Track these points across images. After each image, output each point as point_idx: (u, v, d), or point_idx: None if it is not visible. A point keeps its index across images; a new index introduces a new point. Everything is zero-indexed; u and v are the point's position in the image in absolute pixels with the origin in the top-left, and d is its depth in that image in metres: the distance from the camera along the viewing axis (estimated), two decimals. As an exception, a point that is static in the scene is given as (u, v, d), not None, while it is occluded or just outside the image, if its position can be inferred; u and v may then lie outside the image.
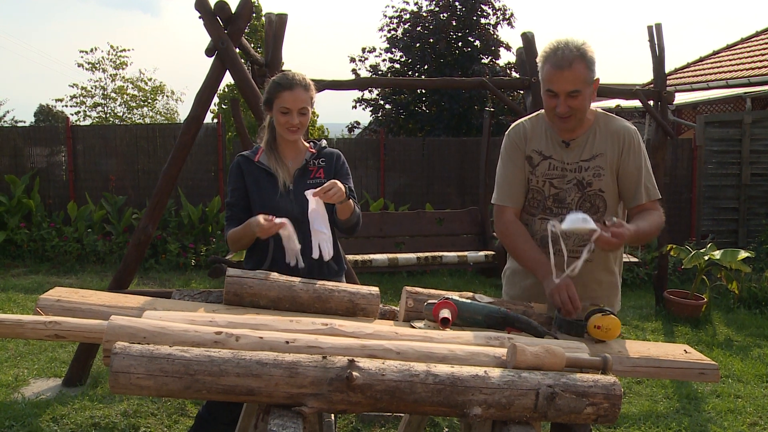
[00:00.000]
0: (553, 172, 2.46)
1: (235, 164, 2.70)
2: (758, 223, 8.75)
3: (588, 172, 2.42)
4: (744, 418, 4.04)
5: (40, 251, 8.46)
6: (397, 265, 6.98)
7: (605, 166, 2.41)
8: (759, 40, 13.12)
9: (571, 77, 2.27)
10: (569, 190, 2.44)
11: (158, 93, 18.61)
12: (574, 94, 2.29)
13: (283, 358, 1.61)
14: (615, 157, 2.42)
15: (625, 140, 2.42)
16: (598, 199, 2.43)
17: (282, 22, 4.86)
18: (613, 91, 7.40)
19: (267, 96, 2.65)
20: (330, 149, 2.79)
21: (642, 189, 2.41)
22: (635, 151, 2.42)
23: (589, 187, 2.43)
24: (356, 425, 3.76)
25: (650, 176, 2.43)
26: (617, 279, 2.59)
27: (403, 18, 14.84)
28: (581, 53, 2.27)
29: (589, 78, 2.30)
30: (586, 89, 2.31)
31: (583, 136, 2.45)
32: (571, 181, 2.44)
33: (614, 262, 2.55)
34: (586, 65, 2.28)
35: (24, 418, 3.73)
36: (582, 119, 2.40)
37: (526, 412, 1.66)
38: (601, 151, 2.42)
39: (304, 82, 2.61)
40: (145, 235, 4.17)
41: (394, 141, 10.54)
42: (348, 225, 2.67)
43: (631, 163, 2.41)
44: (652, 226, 2.37)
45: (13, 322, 1.86)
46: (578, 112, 2.34)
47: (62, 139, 9.14)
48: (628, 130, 2.45)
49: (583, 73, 2.28)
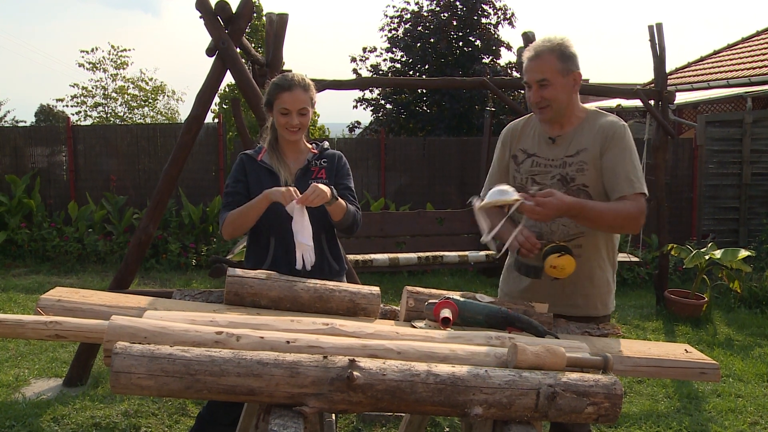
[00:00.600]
0: (535, 169, 2.50)
1: (239, 161, 2.72)
2: (759, 222, 8.75)
3: (571, 168, 2.43)
4: (745, 417, 4.04)
5: (41, 251, 8.46)
6: (398, 265, 6.98)
7: (588, 160, 2.41)
8: (759, 39, 13.11)
9: (538, 67, 2.37)
10: (553, 185, 2.42)
11: (159, 93, 18.62)
12: (544, 83, 2.38)
13: (284, 357, 1.61)
14: (598, 151, 2.40)
15: (608, 133, 2.40)
16: (582, 194, 2.40)
17: (283, 22, 4.85)
18: (614, 91, 7.40)
19: (267, 97, 2.66)
20: (332, 151, 2.80)
21: (623, 181, 2.36)
22: (618, 144, 2.39)
23: (572, 182, 2.42)
24: (357, 425, 3.76)
25: (635, 170, 2.37)
26: (611, 277, 2.55)
27: (403, 18, 14.83)
28: (553, 45, 2.38)
29: (561, 69, 2.37)
30: (557, 79, 2.37)
31: (570, 132, 2.47)
32: (555, 177, 2.45)
33: (606, 260, 2.51)
34: (557, 57, 2.36)
35: (25, 418, 3.73)
36: (560, 111, 2.43)
37: (527, 411, 1.66)
38: (585, 146, 2.42)
39: (303, 83, 2.62)
40: (146, 234, 4.17)
41: (394, 141, 10.54)
42: (343, 225, 2.67)
43: (613, 155, 2.38)
44: (614, 209, 2.32)
45: (14, 322, 1.86)
46: (553, 102, 2.39)
47: (63, 139, 9.15)
48: (614, 124, 2.43)
49: (552, 64, 2.36)
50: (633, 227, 2.40)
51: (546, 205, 2.16)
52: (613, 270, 2.57)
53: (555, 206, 2.17)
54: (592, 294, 2.48)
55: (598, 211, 2.30)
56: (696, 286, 6.50)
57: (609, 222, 2.33)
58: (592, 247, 2.45)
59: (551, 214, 2.20)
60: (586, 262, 2.44)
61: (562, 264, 2.27)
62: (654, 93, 6.53)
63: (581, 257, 2.41)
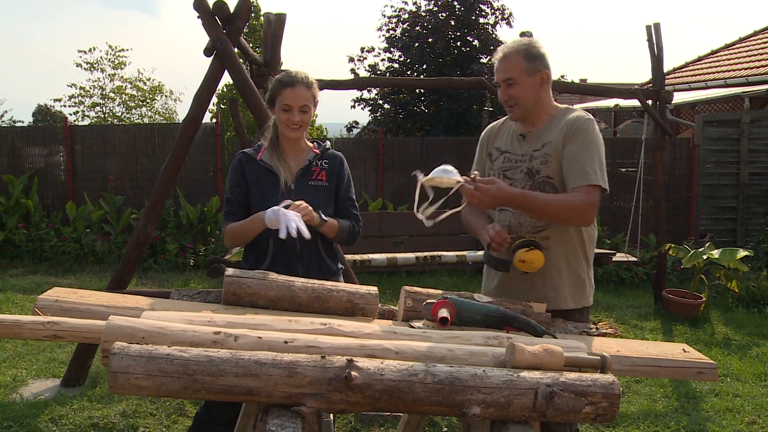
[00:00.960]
0: (506, 165, 2.58)
1: (237, 161, 2.71)
2: (756, 222, 8.76)
3: (537, 161, 2.48)
4: (742, 416, 4.04)
5: (39, 251, 8.45)
6: (396, 265, 6.97)
7: (552, 152, 2.46)
8: (757, 39, 13.14)
9: (505, 67, 2.48)
10: (520, 179, 2.51)
11: (157, 93, 18.61)
12: (510, 82, 2.47)
13: (282, 357, 1.61)
14: (560, 143, 2.45)
15: (572, 126, 2.44)
16: (548, 186, 2.46)
17: (281, 22, 4.85)
18: (611, 91, 7.41)
19: (270, 94, 2.66)
20: (333, 151, 2.80)
21: (579, 172, 2.38)
22: (580, 136, 2.42)
23: (537, 174, 2.48)
24: (355, 425, 3.76)
25: (593, 163, 2.39)
26: (583, 271, 2.55)
27: (401, 18, 14.82)
28: (518, 46, 2.48)
29: (527, 68, 2.45)
30: (522, 78, 2.46)
31: (540, 129, 2.54)
32: (522, 170, 2.52)
33: (579, 253, 2.52)
34: (522, 57, 2.45)
35: (22, 419, 3.72)
36: (528, 109, 2.51)
37: (525, 411, 1.66)
38: (549, 140, 2.48)
39: (306, 80, 2.62)
40: (144, 235, 4.17)
41: (392, 141, 10.54)
42: (339, 241, 2.74)
43: (572, 147, 2.42)
44: (558, 201, 2.36)
45: (12, 322, 1.86)
46: (520, 100, 2.48)
47: (60, 139, 9.14)
48: (579, 118, 2.47)
49: (518, 64, 2.45)
50: (580, 220, 2.42)
51: (485, 191, 2.26)
52: (587, 264, 2.57)
53: (493, 194, 2.27)
54: (560, 286, 2.50)
55: (542, 202, 2.36)
56: (694, 286, 6.51)
57: (553, 213, 2.38)
58: (561, 240, 2.48)
59: (489, 201, 2.30)
60: (554, 254, 2.48)
61: (530, 258, 2.34)
62: (652, 93, 6.54)
63: (549, 249, 2.46)
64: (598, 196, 2.39)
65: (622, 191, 9.10)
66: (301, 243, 2.64)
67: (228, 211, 2.68)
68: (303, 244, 2.64)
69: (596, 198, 2.38)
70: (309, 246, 2.64)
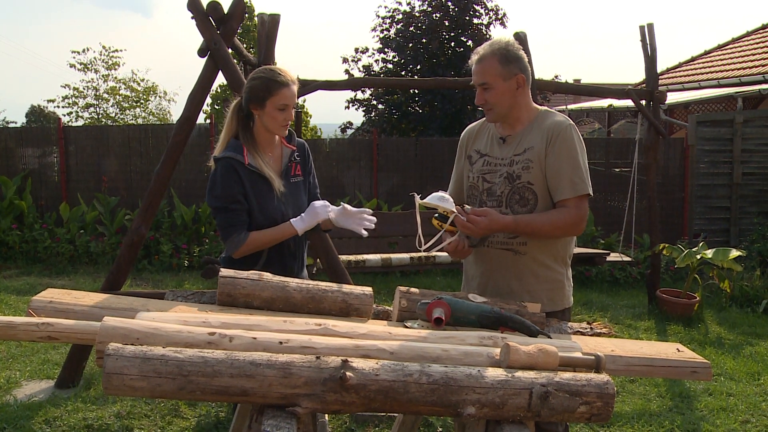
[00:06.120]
0: (486, 168, 2.57)
1: (229, 168, 2.53)
2: (750, 222, 8.80)
3: (518, 166, 2.48)
4: (736, 416, 4.06)
5: (32, 252, 8.42)
6: (390, 266, 6.97)
7: (534, 158, 2.45)
8: (750, 40, 13.20)
9: (480, 70, 2.45)
10: (500, 183, 2.50)
11: (151, 93, 18.55)
12: (485, 86, 2.45)
13: (277, 358, 1.61)
14: (543, 150, 2.44)
15: (553, 133, 2.44)
16: (527, 191, 2.46)
17: (275, 23, 4.85)
18: (605, 91, 7.43)
19: (262, 93, 2.53)
20: (298, 139, 2.78)
21: (566, 183, 2.40)
22: (562, 145, 2.42)
23: (518, 179, 2.47)
24: (350, 425, 3.76)
25: (579, 171, 2.41)
26: (561, 275, 2.56)
27: (395, 18, 14.82)
28: (494, 49, 2.44)
29: (502, 73, 2.43)
30: (497, 83, 2.43)
31: (520, 132, 2.52)
32: (502, 174, 2.51)
33: (555, 257, 2.52)
34: (498, 60, 2.42)
35: (16, 421, 3.71)
36: (503, 114, 2.50)
37: (520, 411, 1.67)
38: (531, 145, 2.47)
39: (294, 78, 2.63)
40: (138, 236, 4.16)
41: (387, 141, 10.53)
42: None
43: (556, 156, 2.42)
44: (551, 221, 2.40)
45: (5, 323, 1.85)
46: (495, 105, 2.47)
47: (54, 139, 9.11)
48: (561, 124, 2.47)
49: (493, 68, 2.43)
50: (574, 232, 2.49)
51: (477, 223, 2.31)
52: (565, 265, 2.59)
53: (485, 226, 2.32)
54: (536, 290, 2.51)
55: (536, 226, 2.41)
56: (688, 286, 6.53)
57: (548, 233, 2.44)
58: (537, 245, 2.49)
59: (481, 233, 2.34)
60: (530, 259, 2.49)
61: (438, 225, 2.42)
62: (645, 93, 6.56)
63: (526, 255, 2.48)
64: (587, 203, 2.46)
65: (616, 191, 9.12)
66: (294, 243, 2.64)
67: (234, 221, 2.55)
68: (296, 243, 2.65)
69: (585, 207, 2.45)
70: (300, 245, 2.68)
